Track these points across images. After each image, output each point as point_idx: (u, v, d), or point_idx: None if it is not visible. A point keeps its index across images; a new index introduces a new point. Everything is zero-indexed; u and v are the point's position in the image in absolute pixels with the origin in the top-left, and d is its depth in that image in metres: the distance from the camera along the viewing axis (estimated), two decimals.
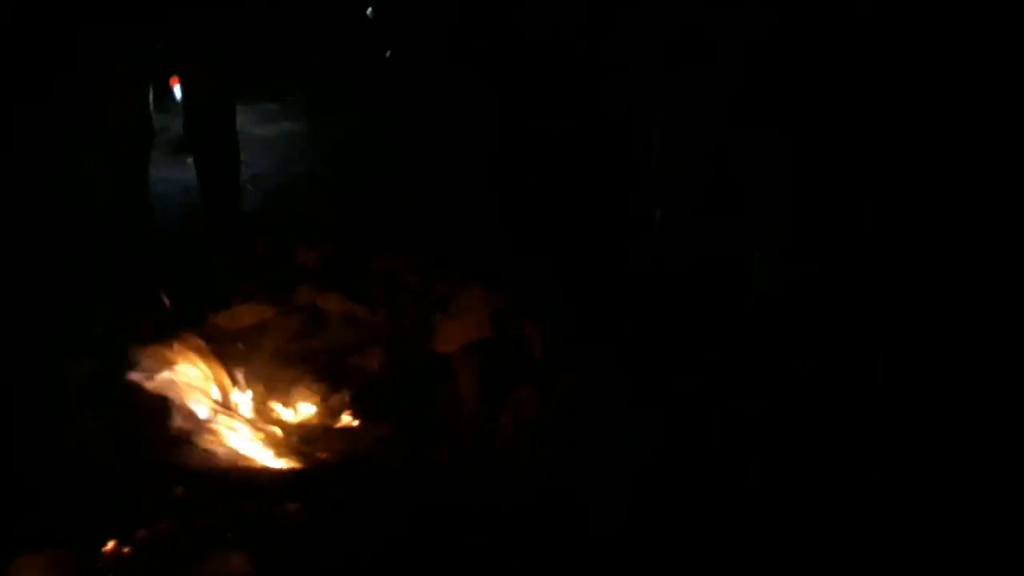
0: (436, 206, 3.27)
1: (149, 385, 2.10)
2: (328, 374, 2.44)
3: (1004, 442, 1.85)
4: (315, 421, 2.28)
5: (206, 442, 1.94)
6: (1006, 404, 1.91)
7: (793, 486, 1.86)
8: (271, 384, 2.35)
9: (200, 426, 1.99)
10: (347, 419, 2.31)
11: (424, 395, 2.41)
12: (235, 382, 2.25)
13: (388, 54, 4.85)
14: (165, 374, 2.11)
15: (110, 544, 1.80)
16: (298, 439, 2.14)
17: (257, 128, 4.36)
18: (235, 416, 2.11)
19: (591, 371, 2.22)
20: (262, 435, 2.06)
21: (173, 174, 3.56)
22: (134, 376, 2.10)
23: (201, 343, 2.30)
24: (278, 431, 2.13)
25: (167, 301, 2.56)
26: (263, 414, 2.21)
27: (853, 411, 2.01)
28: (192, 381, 2.13)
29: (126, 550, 1.81)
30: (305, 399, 2.33)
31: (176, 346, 2.21)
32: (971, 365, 1.99)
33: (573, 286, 2.68)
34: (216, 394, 2.18)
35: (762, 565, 1.70)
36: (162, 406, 2.01)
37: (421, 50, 4.63)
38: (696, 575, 1.72)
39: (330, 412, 2.32)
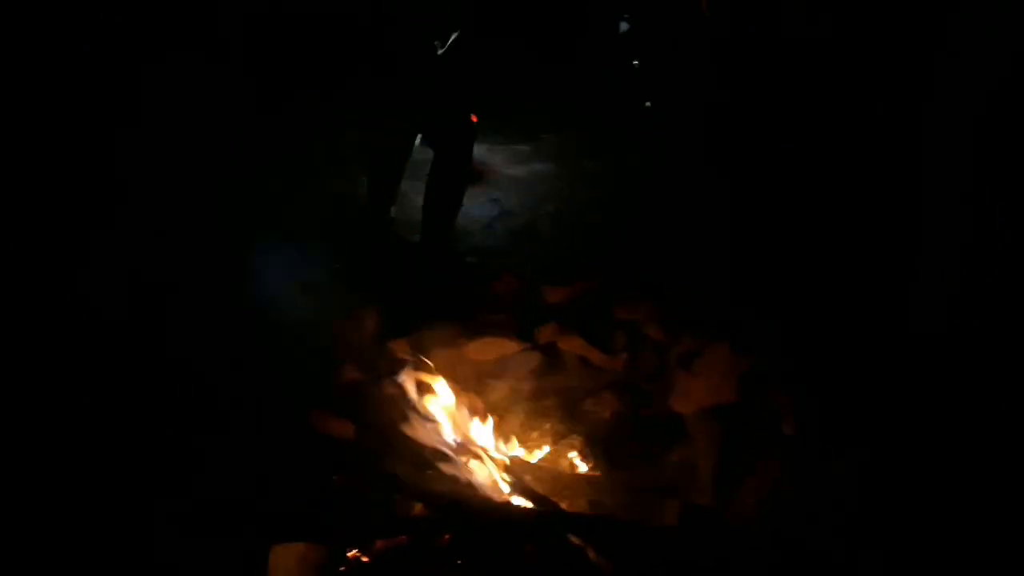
0: (685, 259, 3.18)
1: (402, 401, 2.21)
2: (561, 416, 2.44)
3: None
4: (548, 462, 2.27)
5: (451, 468, 2.00)
6: None
7: None
8: (508, 419, 2.39)
9: (447, 451, 2.05)
10: (578, 463, 2.29)
11: (657, 453, 2.33)
12: (477, 413, 2.31)
13: (648, 104, 4.86)
14: (418, 394, 2.22)
15: (352, 551, 1.90)
16: (532, 478, 2.14)
17: (508, 168, 4.55)
18: (477, 447, 2.15)
19: (858, 464, 2.01)
20: (501, 469, 2.09)
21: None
22: (390, 389, 2.22)
23: (449, 369, 2.39)
24: (515, 467, 2.14)
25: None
26: (500, 448, 2.24)
27: None
28: (444, 407, 2.21)
29: (365, 558, 1.90)
30: (540, 438, 2.34)
31: (428, 369, 2.31)
32: None
33: (828, 356, 2.46)
34: (462, 422, 2.24)
35: None
36: (413, 425, 2.11)
37: (682, 102, 4.59)
38: None
39: (562, 454, 2.30)
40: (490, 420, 2.30)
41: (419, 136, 3.46)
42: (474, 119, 3.28)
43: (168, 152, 3.07)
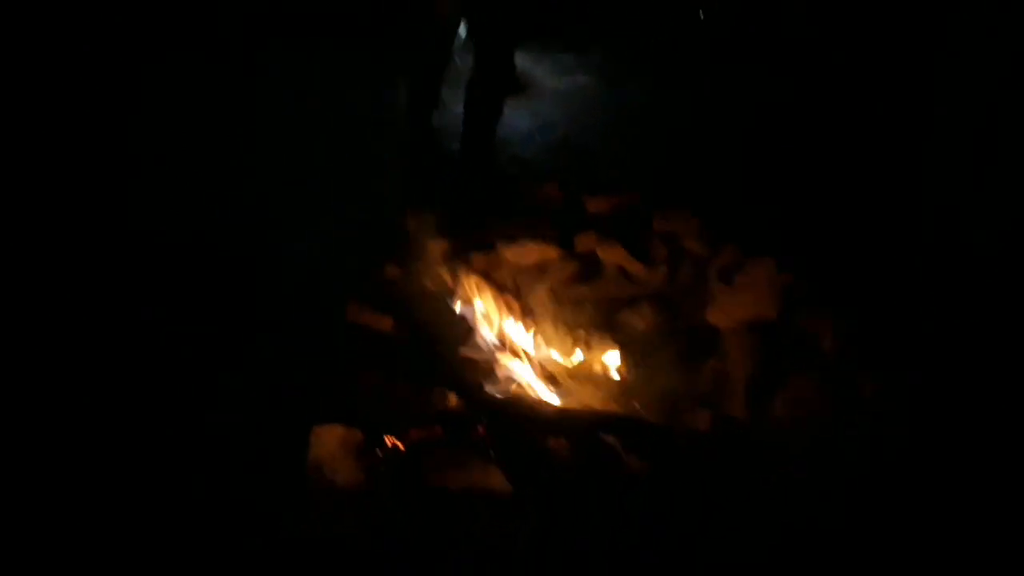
0: (729, 175, 3.13)
1: (440, 299, 2.23)
2: (598, 324, 2.45)
3: None
4: (583, 366, 2.29)
5: (487, 364, 2.03)
6: None
7: None
8: (544, 324, 2.40)
9: (484, 348, 2.08)
10: (612, 369, 2.30)
11: (691, 364, 2.33)
12: (515, 315, 2.32)
13: (701, 15, 4.66)
14: (464, 298, 2.24)
15: (388, 437, 1.95)
16: (566, 379, 2.16)
17: (551, 80, 4.44)
18: (514, 346, 2.18)
19: (894, 386, 2.00)
20: (538, 371, 2.11)
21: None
22: (429, 286, 2.24)
23: (488, 272, 2.40)
24: (550, 368, 2.17)
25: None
26: (538, 351, 2.25)
27: None
28: (482, 307, 2.23)
29: (400, 445, 1.96)
30: (575, 344, 2.35)
31: (470, 270, 2.32)
32: None
33: (871, 277, 2.43)
34: (500, 322, 2.26)
35: None
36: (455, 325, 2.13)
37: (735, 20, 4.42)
38: None
39: (596, 360, 2.32)
40: (527, 322, 2.32)
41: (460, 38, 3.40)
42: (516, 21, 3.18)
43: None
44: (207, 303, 2.40)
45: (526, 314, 2.39)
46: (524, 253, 2.51)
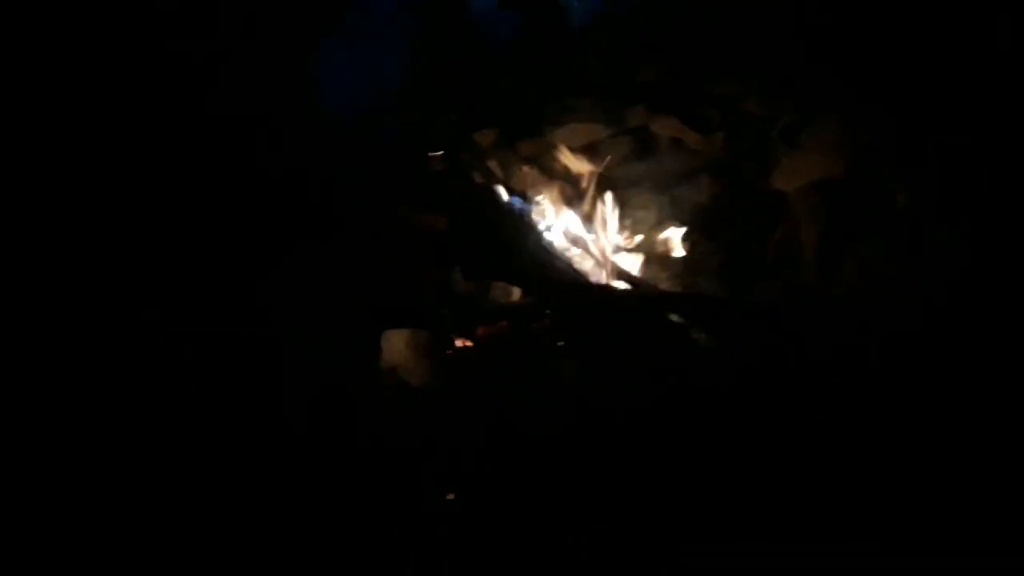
0: (785, 27, 2.89)
1: (490, 191, 2.18)
2: (657, 202, 2.37)
3: None
4: (644, 247, 2.24)
5: (544, 254, 2.00)
6: None
7: None
8: (601, 208, 2.33)
9: (541, 238, 2.04)
10: (675, 247, 2.25)
11: (757, 233, 2.26)
12: (570, 202, 2.26)
13: None
14: (517, 189, 2.18)
15: (457, 336, 1.97)
16: (629, 262, 2.12)
17: None
18: (572, 234, 2.13)
19: (971, 240, 1.89)
20: (600, 257, 2.08)
21: None
22: (478, 180, 2.19)
23: (537, 158, 2.33)
24: (611, 252, 2.13)
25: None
26: (598, 237, 2.21)
27: None
28: (535, 195, 2.18)
29: (469, 343, 1.98)
30: (635, 225, 2.29)
31: (520, 159, 2.25)
32: None
33: (940, 127, 2.26)
34: (555, 210, 2.21)
35: None
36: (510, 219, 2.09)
37: None
38: None
39: (658, 240, 2.26)
40: (583, 209, 2.26)
41: None
42: None
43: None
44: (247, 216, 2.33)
45: (582, 201, 2.33)
46: (574, 135, 2.42)
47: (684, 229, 2.25)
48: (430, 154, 2.45)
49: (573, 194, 2.30)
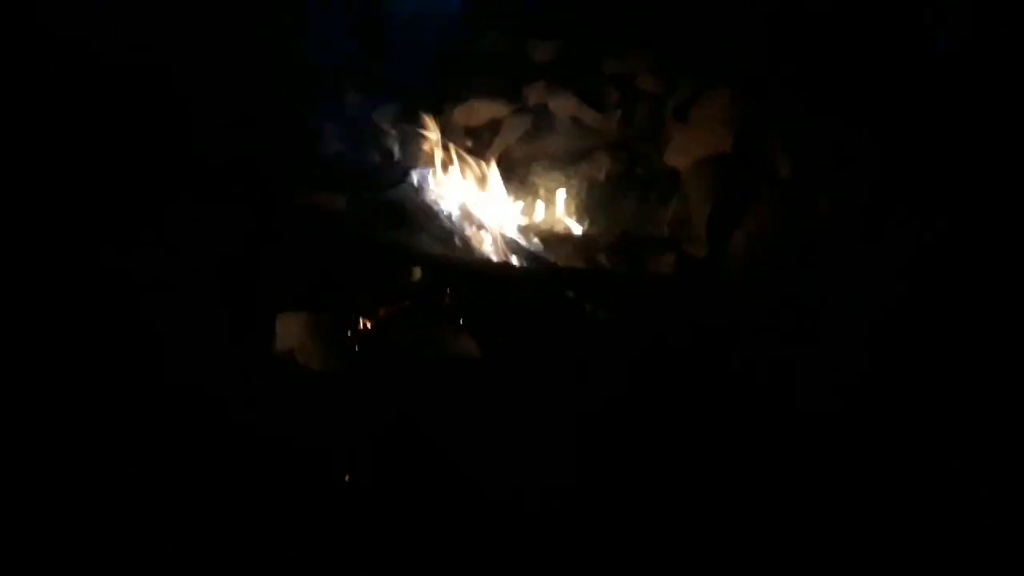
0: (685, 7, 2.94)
1: (391, 169, 2.16)
2: (556, 179, 2.40)
3: None
4: (543, 224, 2.26)
5: (445, 231, 1.99)
6: None
7: None
8: (503, 185, 2.35)
9: (441, 215, 2.04)
10: (573, 224, 2.28)
11: (651, 208, 2.32)
12: (472, 178, 2.26)
13: None
14: (408, 161, 2.16)
15: (357, 318, 1.94)
16: (527, 239, 2.14)
17: None
18: (471, 211, 2.13)
19: (848, 201, 1.99)
20: (500, 234, 2.08)
21: None
22: (377, 159, 2.16)
23: (439, 135, 2.30)
24: (509, 230, 2.14)
25: None
26: (498, 214, 2.22)
27: None
28: (435, 173, 2.16)
29: (370, 323, 1.95)
30: (533, 202, 2.32)
31: (421, 136, 2.23)
32: None
33: (831, 95, 2.35)
34: (455, 188, 2.20)
35: None
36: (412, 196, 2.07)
37: None
38: None
39: (556, 216, 2.30)
40: (484, 185, 2.26)
41: None
42: None
43: None
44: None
45: (483, 177, 2.33)
46: (473, 113, 2.42)
47: (582, 205, 2.28)
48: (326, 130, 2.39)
49: (472, 171, 2.30)
